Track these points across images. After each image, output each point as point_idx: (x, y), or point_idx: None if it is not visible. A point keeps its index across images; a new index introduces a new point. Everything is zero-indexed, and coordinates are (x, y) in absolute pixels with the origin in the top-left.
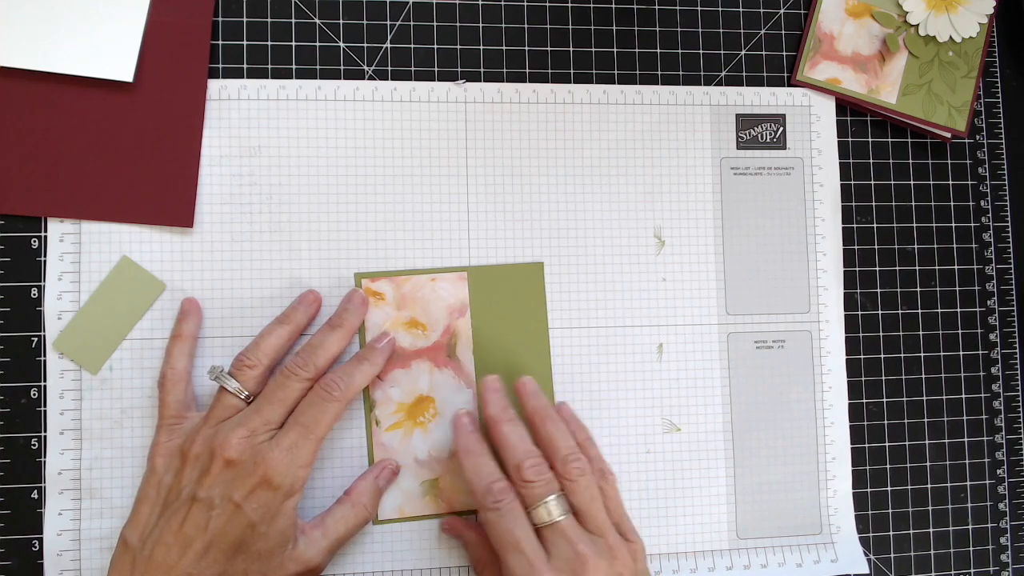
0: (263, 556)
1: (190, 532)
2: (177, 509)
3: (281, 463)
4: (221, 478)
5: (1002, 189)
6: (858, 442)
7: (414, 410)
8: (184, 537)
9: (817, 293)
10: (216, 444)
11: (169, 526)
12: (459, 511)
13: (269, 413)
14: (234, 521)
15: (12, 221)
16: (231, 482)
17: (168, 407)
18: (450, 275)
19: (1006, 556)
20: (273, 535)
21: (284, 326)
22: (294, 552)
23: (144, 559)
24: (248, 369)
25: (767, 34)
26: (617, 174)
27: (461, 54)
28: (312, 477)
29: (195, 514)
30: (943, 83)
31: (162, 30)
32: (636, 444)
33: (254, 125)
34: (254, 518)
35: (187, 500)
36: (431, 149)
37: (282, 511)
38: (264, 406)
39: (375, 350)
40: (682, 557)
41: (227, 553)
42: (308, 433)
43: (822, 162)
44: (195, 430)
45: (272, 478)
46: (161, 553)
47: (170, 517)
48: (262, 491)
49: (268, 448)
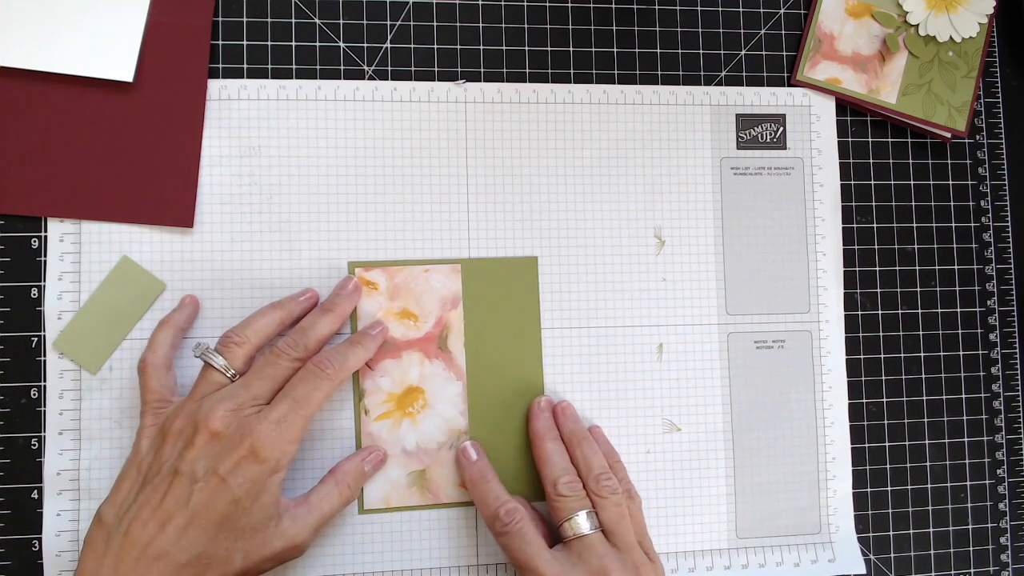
0: (246, 533)
1: (170, 507)
2: (157, 485)
3: (269, 436)
4: (205, 451)
5: (1002, 189)
6: (858, 442)
7: (403, 400)
8: (164, 513)
9: (817, 293)
10: (200, 417)
11: (148, 502)
12: (445, 503)
13: (257, 389)
14: (218, 495)
15: (12, 221)
16: (216, 455)
17: (151, 391)
18: (444, 267)
19: (1006, 556)
20: (257, 511)
21: (276, 311)
22: (278, 529)
23: (120, 536)
24: (236, 347)
25: (767, 34)
26: (617, 174)
27: (461, 54)
28: (297, 462)
29: (176, 488)
30: (943, 83)
31: (162, 30)
32: (636, 444)
33: (254, 125)
34: (239, 493)
35: (168, 474)
36: (431, 149)
37: (267, 487)
38: (252, 382)
39: (368, 336)
40: (681, 557)
41: (209, 530)
42: (298, 408)
43: (822, 162)
44: (178, 407)
45: (259, 451)
46: (137, 529)
47: (150, 493)
48: (248, 464)
49: (256, 420)
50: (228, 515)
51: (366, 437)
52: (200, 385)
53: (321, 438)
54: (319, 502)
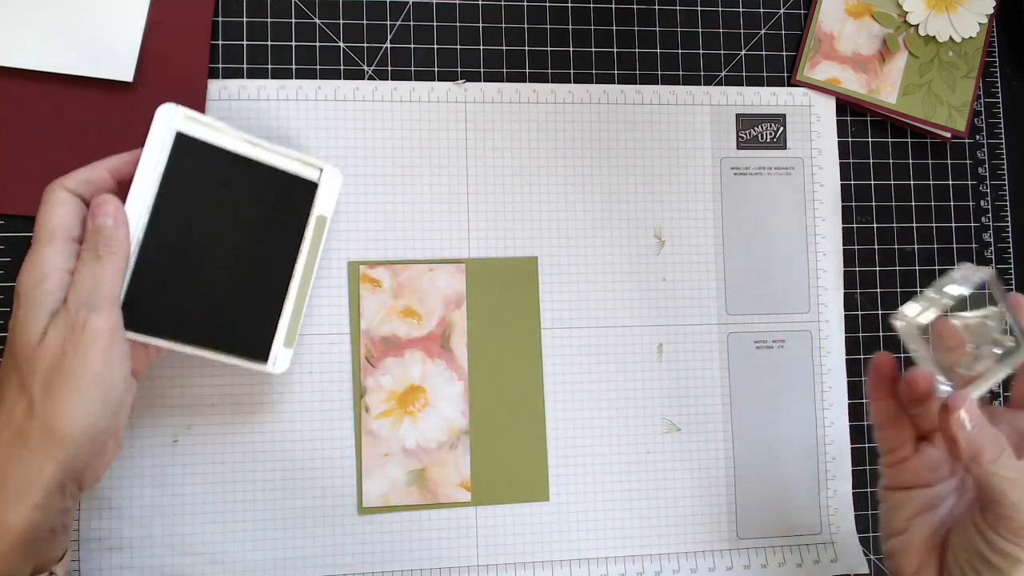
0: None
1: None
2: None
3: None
4: None
5: (1002, 189)
6: (858, 442)
7: (405, 399)
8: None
9: (817, 293)
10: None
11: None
12: (444, 503)
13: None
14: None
15: (12, 221)
16: None
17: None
18: (448, 266)
19: None
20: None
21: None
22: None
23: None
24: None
25: (767, 34)
26: (617, 174)
27: (461, 54)
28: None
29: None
30: (943, 83)
31: (162, 30)
32: (636, 444)
33: (254, 125)
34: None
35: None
36: (431, 149)
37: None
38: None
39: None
40: (682, 557)
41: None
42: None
43: (822, 162)
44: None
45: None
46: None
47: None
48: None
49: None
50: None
51: (366, 435)
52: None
53: (321, 435)
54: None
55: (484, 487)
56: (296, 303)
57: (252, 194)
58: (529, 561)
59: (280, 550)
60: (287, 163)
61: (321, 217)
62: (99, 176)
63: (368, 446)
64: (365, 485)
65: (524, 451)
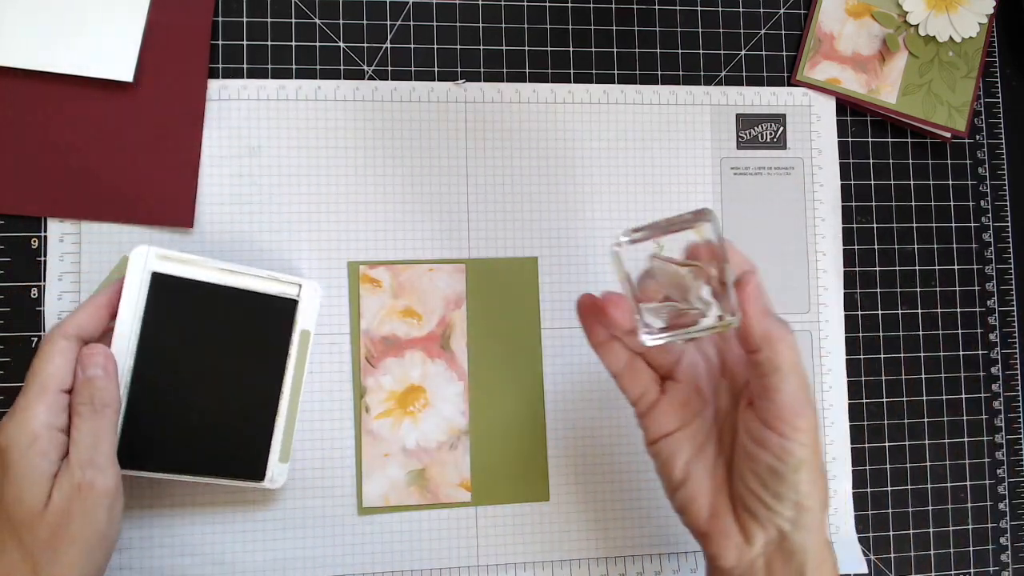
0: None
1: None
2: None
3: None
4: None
5: (1002, 189)
6: (858, 442)
7: (405, 399)
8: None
9: (817, 293)
10: None
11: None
12: (444, 503)
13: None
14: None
15: (12, 221)
16: None
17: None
18: (448, 266)
19: (1006, 556)
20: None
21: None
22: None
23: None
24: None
25: (767, 34)
26: (617, 174)
27: (461, 54)
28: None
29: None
30: (943, 83)
31: (162, 30)
32: (636, 444)
33: (254, 125)
34: None
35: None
36: (431, 149)
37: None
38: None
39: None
40: (682, 557)
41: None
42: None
43: (822, 162)
44: None
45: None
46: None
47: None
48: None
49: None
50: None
51: (366, 435)
52: None
53: (321, 435)
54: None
55: (484, 487)
56: (287, 419)
57: (234, 320)
58: (529, 561)
59: (280, 550)
60: (265, 285)
61: (305, 332)
62: (95, 316)
63: (368, 446)
64: (365, 485)
65: (524, 451)
